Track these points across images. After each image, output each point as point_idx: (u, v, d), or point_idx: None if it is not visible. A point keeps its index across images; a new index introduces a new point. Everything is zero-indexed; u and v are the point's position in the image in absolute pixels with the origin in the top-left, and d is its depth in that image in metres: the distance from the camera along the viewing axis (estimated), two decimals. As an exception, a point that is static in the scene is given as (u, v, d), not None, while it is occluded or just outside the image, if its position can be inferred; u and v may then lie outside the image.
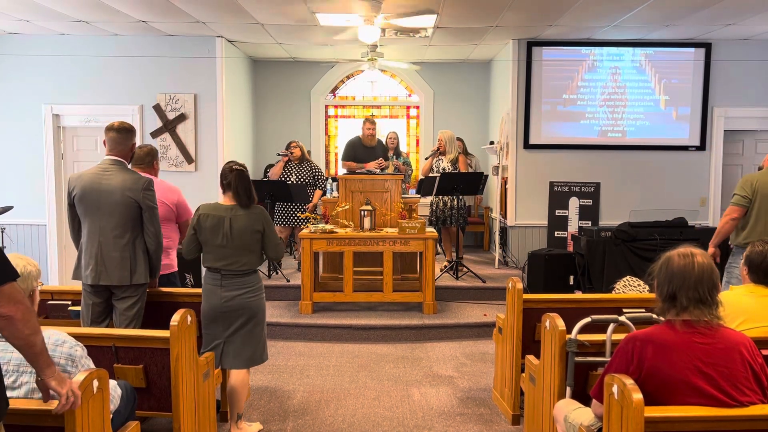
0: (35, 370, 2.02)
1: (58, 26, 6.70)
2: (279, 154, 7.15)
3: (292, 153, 7.03)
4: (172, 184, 4.27)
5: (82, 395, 2.15)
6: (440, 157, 6.84)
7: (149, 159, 4.19)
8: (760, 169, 4.65)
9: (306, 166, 7.07)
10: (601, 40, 7.28)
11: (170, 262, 4.13)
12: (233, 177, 3.49)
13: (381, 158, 7.01)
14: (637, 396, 2.01)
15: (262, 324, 3.59)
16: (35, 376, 2.05)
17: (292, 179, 6.95)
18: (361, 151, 7.17)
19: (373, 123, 7.29)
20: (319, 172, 7.13)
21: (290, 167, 7.05)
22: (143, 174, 4.18)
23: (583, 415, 2.49)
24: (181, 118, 7.26)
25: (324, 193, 7.22)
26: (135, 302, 3.54)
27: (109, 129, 3.56)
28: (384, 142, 7.76)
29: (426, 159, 6.90)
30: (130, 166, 3.67)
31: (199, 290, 3.81)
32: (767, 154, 4.75)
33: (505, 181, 7.72)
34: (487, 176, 8.24)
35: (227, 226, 3.44)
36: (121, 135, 3.55)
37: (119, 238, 3.47)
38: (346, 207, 6.09)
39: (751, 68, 7.35)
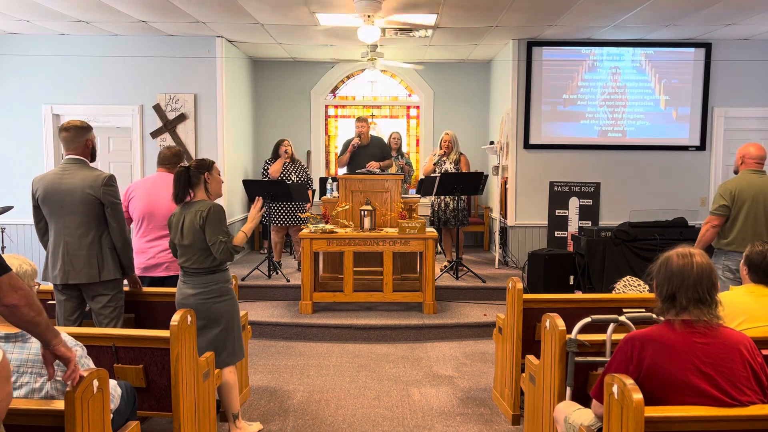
0: (43, 343, 2.08)
1: (58, 26, 6.70)
2: (286, 152, 7.09)
3: (286, 151, 7.07)
4: None
5: (81, 395, 2.15)
6: (444, 158, 6.85)
7: (176, 160, 4.24)
8: (735, 172, 4.67)
9: (299, 166, 7.19)
10: (601, 40, 7.28)
11: None
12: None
13: (372, 162, 6.90)
14: (637, 396, 2.00)
15: (230, 330, 3.46)
16: (38, 363, 2.07)
17: (293, 178, 6.99)
18: (356, 149, 7.13)
19: (362, 120, 7.24)
20: (307, 171, 7.33)
21: (286, 167, 7.10)
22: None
23: (584, 415, 2.50)
24: (181, 118, 7.26)
25: (313, 193, 7.31)
26: (110, 300, 3.53)
27: (61, 129, 3.57)
28: (387, 141, 7.74)
29: (435, 163, 6.90)
30: (92, 164, 3.65)
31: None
32: (736, 155, 4.72)
33: (505, 181, 7.72)
34: (487, 176, 8.25)
35: (179, 225, 3.42)
36: (71, 133, 3.54)
37: (84, 236, 3.47)
38: (346, 207, 6.09)
39: (751, 68, 7.35)
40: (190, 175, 3.44)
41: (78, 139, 3.56)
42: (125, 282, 3.74)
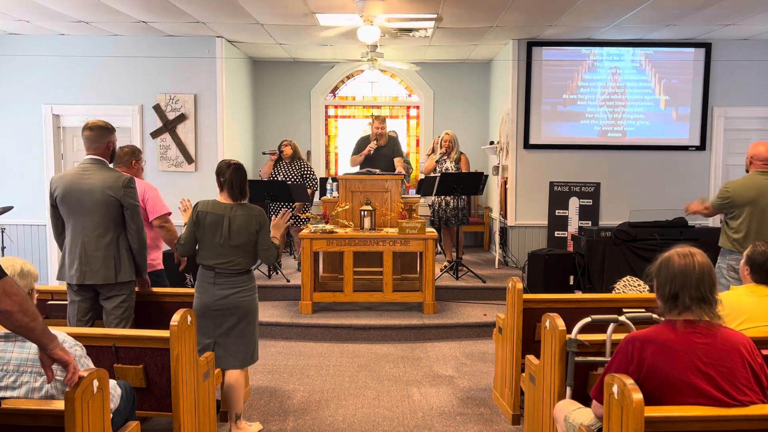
0: (39, 347, 2.08)
1: (58, 26, 6.70)
2: (264, 153, 7.14)
3: (282, 151, 7.02)
4: (146, 181, 4.22)
5: (81, 395, 2.15)
6: (444, 157, 6.85)
7: (127, 158, 4.18)
8: (747, 171, 4.66)
9: (296, 165, 7.04)
10: (601, 40, 7.28)
11: (150, 261, 4.11)
12: (230, 172, 3.50)
13: (370, 146, 6.86)
14: (637, 396, 2.00)
15: (254, 324, 3.58)
16: (38, 363, 2.07)
17: (279, 178, 6.91)
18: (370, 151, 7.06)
19: (382, 121, 7.07)
20: (308, 171, 7.07)
21: (279, 166, 7.05)
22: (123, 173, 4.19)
23: (584, 415, 2.49)
24: (181, 118, 7.26)
25: (313, 192, 7.14)
26: (122, 301, 3.53)
27: (84, 128, 3.56)
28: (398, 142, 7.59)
29: (436, 161, 6.89)
30: (111, 165, 3.65)
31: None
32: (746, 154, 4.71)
33: (505, 181, 7.72)
34: (487, 176, 8.25)
35: (226, 226, 3.43)
36: (94, 133, 3.53)
37: (102, 236, 3.47)
38: (346, 207, 6.08)
39: (751, 68, 7.35)
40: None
41: (100, 139, 3.55)
42: None
